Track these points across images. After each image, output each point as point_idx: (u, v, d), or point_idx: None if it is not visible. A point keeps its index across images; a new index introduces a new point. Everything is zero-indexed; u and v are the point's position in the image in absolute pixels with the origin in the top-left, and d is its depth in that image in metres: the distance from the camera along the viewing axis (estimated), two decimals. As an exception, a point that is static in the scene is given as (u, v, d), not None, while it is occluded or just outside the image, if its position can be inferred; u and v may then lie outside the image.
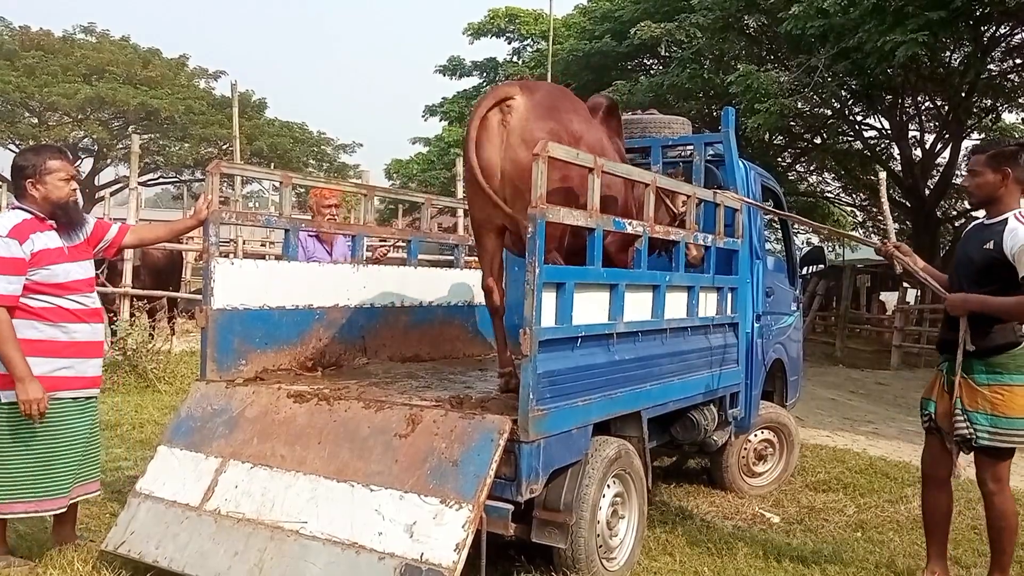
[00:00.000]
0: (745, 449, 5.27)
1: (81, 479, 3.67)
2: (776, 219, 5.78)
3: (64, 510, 3.66)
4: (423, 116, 24.41)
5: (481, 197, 3.65)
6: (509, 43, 22.30)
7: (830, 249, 27.86)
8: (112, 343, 8.63)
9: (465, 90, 23.16)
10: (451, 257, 5.81)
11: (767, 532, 4.49)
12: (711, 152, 5.15)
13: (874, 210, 24.76)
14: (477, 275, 5.65)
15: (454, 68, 23.30)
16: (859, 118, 18.76)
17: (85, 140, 29.74)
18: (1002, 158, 3.38)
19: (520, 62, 21.19)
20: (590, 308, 3.61)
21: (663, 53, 15.89)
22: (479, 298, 5.56)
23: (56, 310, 3.49)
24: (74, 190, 3.67)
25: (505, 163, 3.57)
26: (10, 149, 28.71)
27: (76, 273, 3.59)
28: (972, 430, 3.45)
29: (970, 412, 3.47)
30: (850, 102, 17.32)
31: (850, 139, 19.39)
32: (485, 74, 23.04)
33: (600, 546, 3.53)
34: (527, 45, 21.99)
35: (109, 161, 30.72)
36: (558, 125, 3.63)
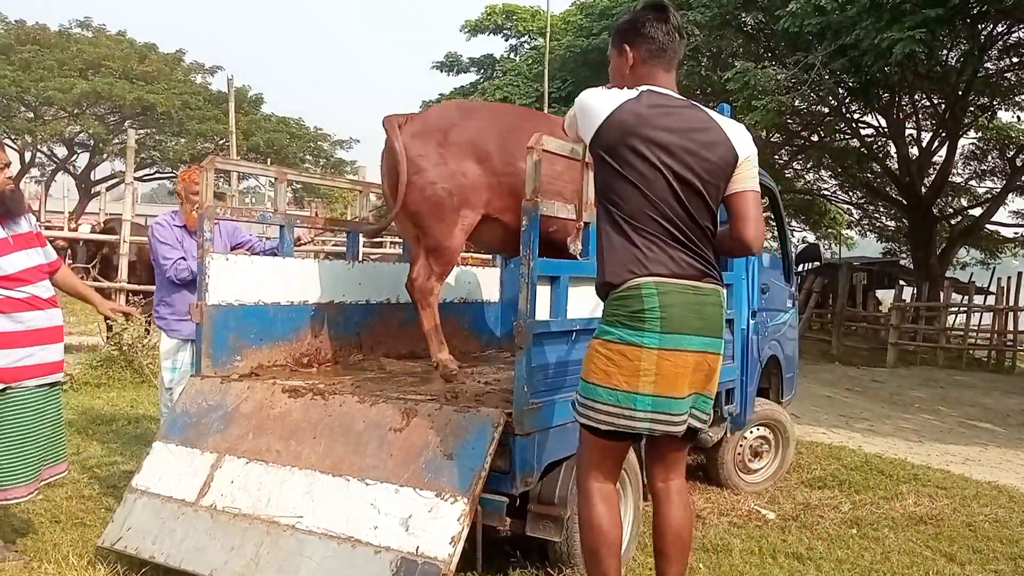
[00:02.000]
0: (741, 446, 5.28)
1: (47, 463, 3.66)
2: (772, 216, 5.77)
3: (34, 496, 3.65)
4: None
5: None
6: (506, 40, 22.32)
7: (826, 247, 27.91)
8: (107, 338, 8.62)
9: (462, 86, 23.14)
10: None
11: (762, 529, 4.49)
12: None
13: (871, 207, 24.83)
14: (470, 272, 5.68)
15: (451, 64, 23.27)
16: (856, 116, 18.78)
17: (81, 135, 29.69)
18: (619, 36, 2.77)
19: (517, 59, 21.17)
20: (585, 302, 3.61)
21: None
22: (473, 295, 5.58)
23: (7, 300, 3.45)
24: (9, 178, 3.63)
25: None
26: (6, 144, 28.64)
27: (22, 263, 3.52)
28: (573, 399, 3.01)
29: None
30: (847, 100, 17.33)
31: (847, 137, 19.42)
32: (482, 70, 23.03)
33: (595, 541, 3.53)
34: (524, 42, 21.99)
35: (105, 156, 30.64)
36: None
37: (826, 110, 17.59)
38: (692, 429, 2.67)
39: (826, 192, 24.30)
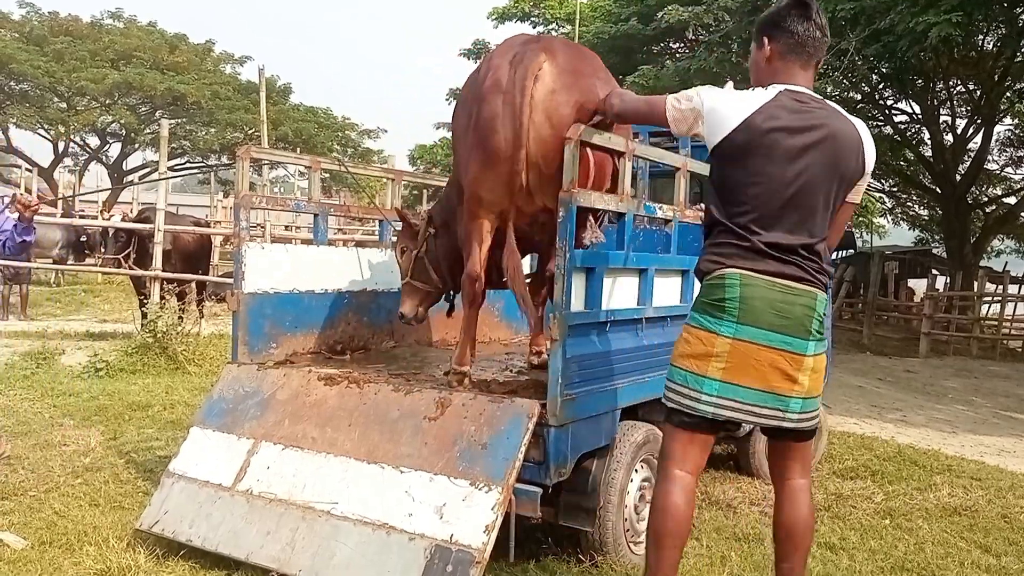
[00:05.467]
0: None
1: None
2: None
3: None
4: (447, 100, 24.40)
5: (498, 176, 3.36)
6: (534, 27, 22.16)
7: (858, 236, 27.54)
8: (142, 325, 8.75)
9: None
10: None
11: (795, 518, 4.46)
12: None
13: (903, 196, 24.46)
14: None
15: (478, 52, 23.20)
16: (890, 102, 18.48)
17: (113, 125, 29.96)
18: (761, 28, 2.79)
19: (545, 46, 21.09)
20: (619, 293, 3.60)
21: (690, 36, 15.73)
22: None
23: None
24: None
25: (531, 143, 3.27)
26: (40, 134, 29.05)
27: None
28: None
29: None
30: (880, 86, 17.06)
31: (880, 123, 19.10)
32: (509, 58, 22.93)
33: (627, 530, 3.54)
34: (552, 29, 21.85)
35: (137, 146, 30.92)
36: (584, 98, 3.29)
37: (859, 97, 17.34)
38: (806, 430, 2.68)
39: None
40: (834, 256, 6.24)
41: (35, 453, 5.13)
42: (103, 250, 10.99)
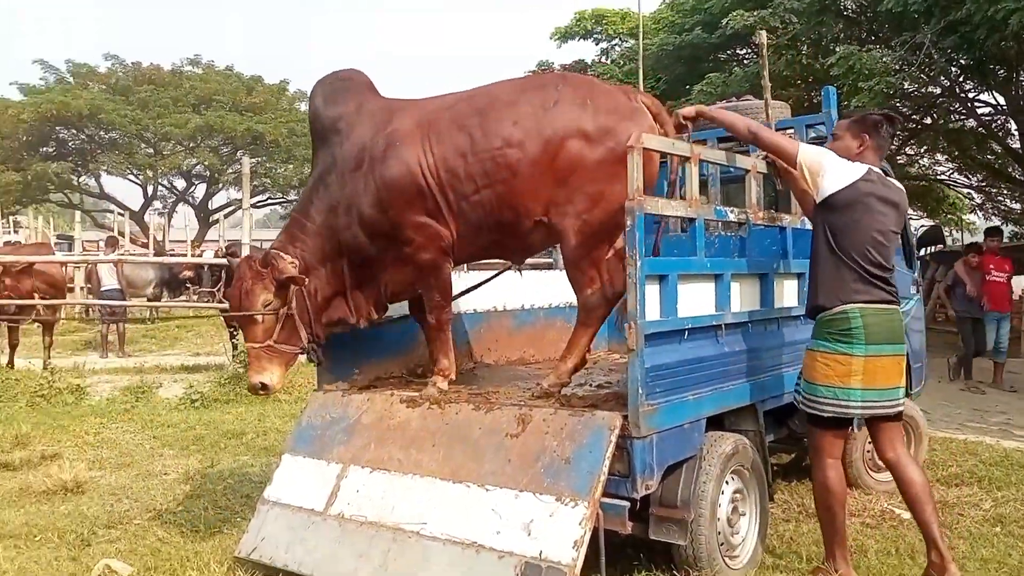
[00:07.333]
0: (870, 443, 5.05)
1: None
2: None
3: None
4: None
5: None
6: (596, 44, 22.19)
7: (947, 234, 26.44)
8: (233, 356, 9.04)
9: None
10: (549, 260, 5.83)
11: (898, 529, 4.29)
12: (813, 135, 5.01)
13: (993, 191, 23.40)
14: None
15: (544, 73, 23.34)
16: (971, 95, 17.73)
17: (197, 167, 31.24)
18: (864, 125, 3.64)
19: (609, 61, 21.05)
20: (695, 299, 3.55)
21: (756, 41, 15.48)
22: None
23: None
24: None
25: None
26: (129, 179, 30.50)
27: None
28: (796, 393, 3.66)
29: (800, 375, 3.68)
30: (960, 78, 16.39)
31: (962, 117, 18.36)
32: (575, 76, 23.00)
33: (722, 543, 3.46)
34: (615, 45, 21.83)
35: (221, 185, 32.17)
36: None
37: (938, 91, 16.69)
38: (901, 412, 3.58)
39: (943, 177, 23.04)
40: (922, 252, 6.01)
41: (138, 483, 5.35)
42: (199, 284, 11.49)
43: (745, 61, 16.95)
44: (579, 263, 3.67)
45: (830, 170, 3.52)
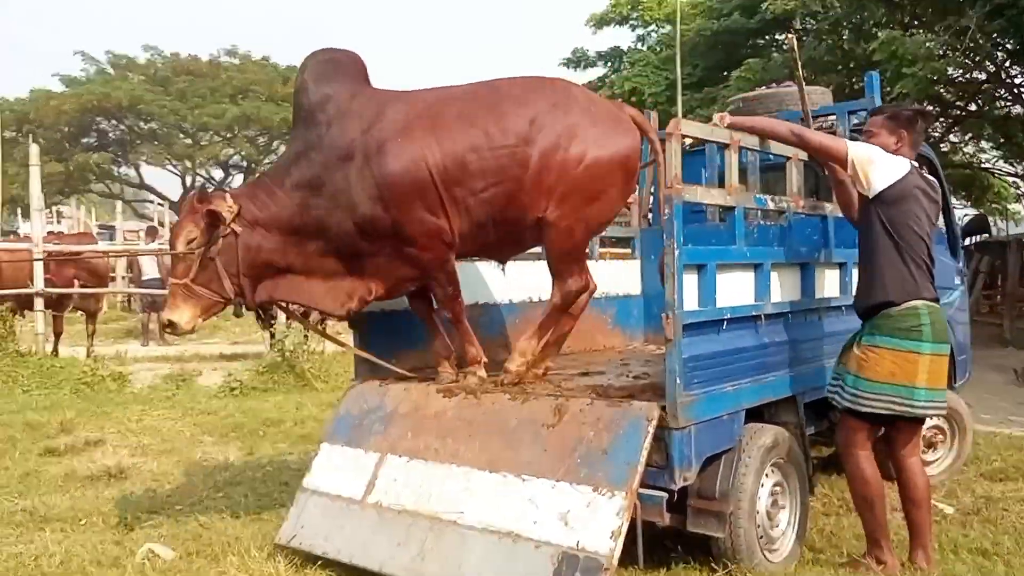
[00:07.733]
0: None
1: None
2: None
3: None
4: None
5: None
6: (633, 30, 21.97)
7: (992, 223, 25.83)
8: (271, 345, 9.16)
9: (590, 81, 22.99)
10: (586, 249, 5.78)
11: (941, 523, 4.21)
12: (855, 121, 4.91)
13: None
14: (612, 266, 5.63)
15: (578, 60, 23.18)
16: (1018, 80, 17.26)
17: (235, 157, 31.64)
18: (899, 121, 3.60)
19: (645, 47, 20.85)
20: (734, 289, 3.52)
21: (798, 26, 15.20)
22: (614, 289, 5.52)
23: None
24: None
25: None
26: (168, 170, 30.97)
27: None
28: (837, 389, 3.59)
29: (841, 369, 3.61)
30: (1007, 63, 15.95)
31: (1008, 103, 17.88)
32: (609, 63, 22.80)
33: (761, 536, 3.43)
34: (651, 31, 21.61)
35: (258, 175, 32.56)
36: None
37: (983, 77, 16.27)
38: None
39: (988, 165, 22.50)
40: (967, 241, 5.89)
41: (179, 469, 5.45)
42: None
43: (784, 47, 16.65)
44: (568, 255, 3.86)
45: (881, 164, 3.50)
